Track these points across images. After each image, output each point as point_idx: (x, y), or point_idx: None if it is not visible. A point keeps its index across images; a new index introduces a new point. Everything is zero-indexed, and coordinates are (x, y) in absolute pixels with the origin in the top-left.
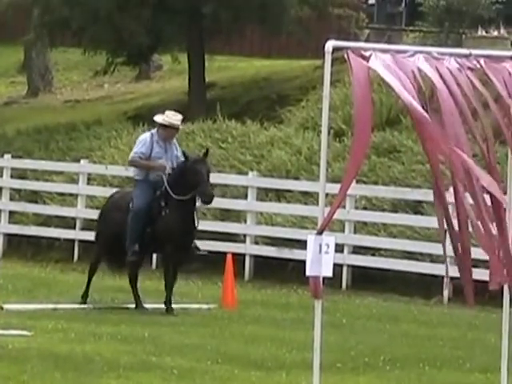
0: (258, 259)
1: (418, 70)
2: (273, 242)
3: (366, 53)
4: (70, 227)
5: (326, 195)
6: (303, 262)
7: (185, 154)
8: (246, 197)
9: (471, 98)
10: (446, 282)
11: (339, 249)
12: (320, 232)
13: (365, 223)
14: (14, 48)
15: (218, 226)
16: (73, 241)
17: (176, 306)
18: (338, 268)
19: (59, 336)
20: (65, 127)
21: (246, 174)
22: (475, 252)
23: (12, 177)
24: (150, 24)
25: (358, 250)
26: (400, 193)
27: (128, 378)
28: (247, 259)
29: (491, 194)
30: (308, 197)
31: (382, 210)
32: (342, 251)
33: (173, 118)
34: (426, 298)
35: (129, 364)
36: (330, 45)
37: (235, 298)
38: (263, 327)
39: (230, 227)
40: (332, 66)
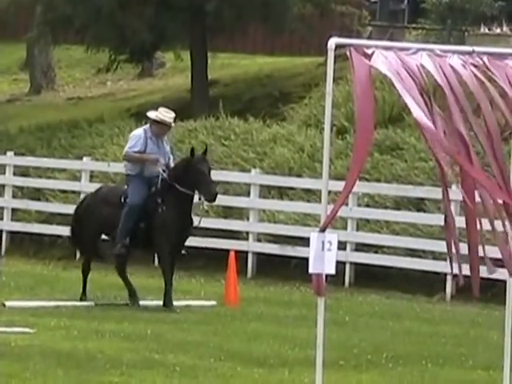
0: (260, 256)
1: (422, 66)
2: (275, 239)
3: (369, 50)
4: None
5: (329, 192)
6: (306, 260)
7: (193, 150)
8: (248, 194)
9: (475, 95)
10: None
11: (342, 246)
12: (323, 229)
13: (367, 220)
14: (17, 45)
15: (220, 224)
16: None
17: (177, 303)
18: (340, 265)
19: (62, 333)
20: (67, 125)
21: (249, 171)
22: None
23: (14, 174)
24: (153, 21)
25: (360, 248)
26: (403, 190)
27: (131, 375)
28: (250, 256)
29: None
30: (311, 194)
31: (385, 208)
32: (344, 248)
33: (165, 114)
34: (428, 296)
35: (131, 361)
36: (332, 42)
37: (238, 296)
38: (266, 324)
39: (232, 224)
40: (335, 63)
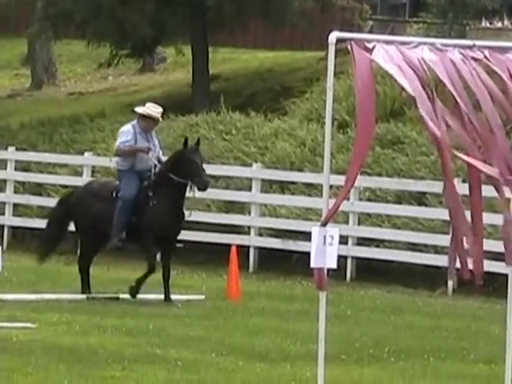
0: (262, 251)
1: (423, 60)
2: (277, 233)
3: (370, 44)
4: None
5: (330, 187)
6: (307, 254)
7: (186, 141)
8: (250, 189)
9: (475, 89)
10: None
11: (343, 240)
12: (324, 224)
13: (369, 215)
14: (18, 40)
15: (222, 218)
16: None
17: (159, 297)
18: (342, 260)
19: (63, 328)
20: (69, 120)
21: (250, 165)
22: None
23: (16, 169)
24: (154, 16)
25: (362, 242)
26: (404, 184)
27: (132, 370)
28: (251, 251)
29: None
30: (312, 188)
31: (386, 202)
32: (346, 243)
33: (153, 109)
34: (430, 290)
35: (133, 356)
36: (333, 36)
37: (240, 290)
38: (267, 319)
39: (234, 219)
40: (336, 57)
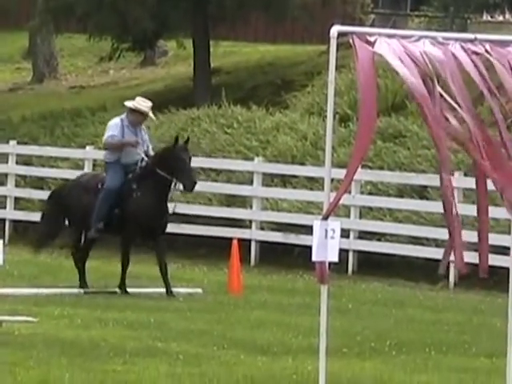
0: (263, 245)
1: (425, 54)
2: (278, 227)
3: (371, 38)
4: None
5: (332, 180)
6: (309, 248)
7: (177, 139)
8: (251, 182)
9: (478, 83)
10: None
11: (345, 234)
12: (326, 217)
13: (370, 208)
14: (19, 34)
15: (223, 212)
16: None
17: (155, 290)
18: (343, 253)
19: (65, 322)
20: (70, 113)
21: (252, 159)
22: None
23: (17, 163)
24: (155, 10)
25: (363, 235)
26: (405, 178)
27: (134, 363)
28: (253, 245)
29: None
30: (313, 182)
31: (388, 195)
32: (347, 236)
33: (142, 103)
34: (431, 283)
35: (135, 349)
36: (335, 30)
37: (241, 284)
38: (269, 312)
39: (235, 213)
40: (337, 51)
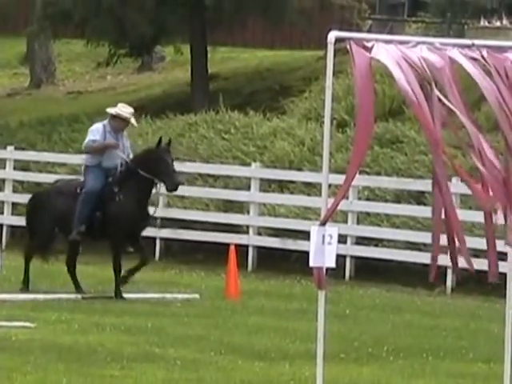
0: (261, 250)
1: (423, 59)
2: (276, 232)
3: (369, 43)
4: None
5: (329, 186)
6: (306, 253)
7: (160, 141)
8: (248, 188)
9: (480, 83)
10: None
11: (342, 239)
12: (323, 223)
13: (368, 214)
14: (17, 40)
15: (220, 218)
16: None
17: (157, 295)
18: (341, 259)
19: (62, 327)
20: (67, 119)
21: (249, 165)
22: (475, 242)
23: (15, 168)
24: (153, 15)
25: (360, 241)
26: (403, 183)
27: (131, 368)
28: (250, 250)
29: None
30: (311, 188)
31: (385, 201)
32: (345, 242)
33: (123, 109)
34: (429, 289)
35: (132, 355)
36: (332, 35)
37: (238, 289)
38: (266, 318)
39: (233, 218)
40: (335, 56)
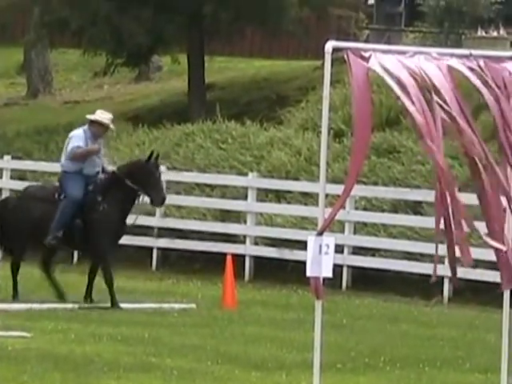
0: (258, 260)
1: (421, 68)
2: (273, 242)
3: (366, 53)
4: None
5: (326, 196)
6: (303, 263)
7: (151, 155)
8: (245, 197)
9: (482, 90)
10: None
11: (339, 249)
12: (321, 233)
13: (365, 224)
14: (14, 49)
15: (217, 227)
16: None
17: (154, 305)
18: (337, 268)
19: (59, 337)
20: (64, 128)
21: (246, 174)
22: (475, 252)
23: (12, 178)
24: (150, 25)
25: (357, 251)
26: (400, 193)
27: (128, 378)
28: (247, 260)
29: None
30: (308, 197)
31: (382, 211)
32: (341, 252)
33: (101, 115)
34: (425, 299)
35: (129, 365)
36: (329, 45)
37: (235, 299)
38: (263, 327)
39: (229, 228)
40: (332, 66)
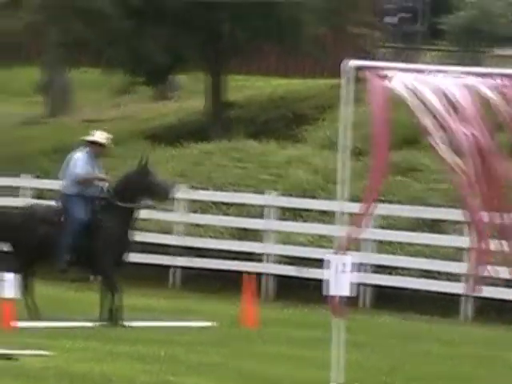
0: (277, 278)
1: (442, 86)
2: (291, 261)
3: (386, 72)
4: None
5: (344, 214)
6: (321, 281)
7: (141, 161)
8: (263, 216)
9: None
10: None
11: (357, 268)
12: (341, 251)
13: (381, 242)
14: (31, 68)
15: (235, 246)
16: None
17: (172, 323)
18: (356, 287)
19: (77, 355)
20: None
21: (264, 193)
22: (501, 271)
23: (31, 197)
24: (168, 44)
25: (376, 269)
26: (418, 211)
27: None
28: (266, 278)
29: None
30: (325, 215)
31: (400, 229)
32: (360, 270)
33: (99, 135)
34: (444, 317)
35: (146, 383)
36: (351, 64)
37: (254, 318)
38: (282, 346)
39: (248, 246)
40: (352, 84)
